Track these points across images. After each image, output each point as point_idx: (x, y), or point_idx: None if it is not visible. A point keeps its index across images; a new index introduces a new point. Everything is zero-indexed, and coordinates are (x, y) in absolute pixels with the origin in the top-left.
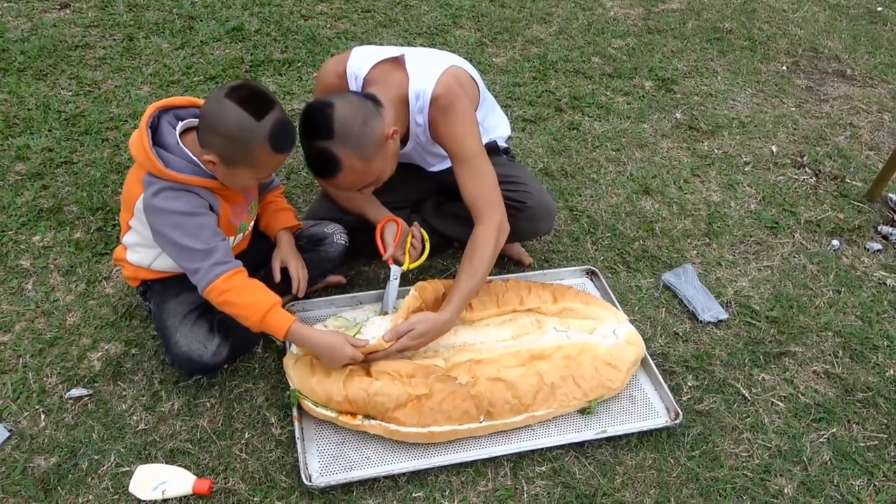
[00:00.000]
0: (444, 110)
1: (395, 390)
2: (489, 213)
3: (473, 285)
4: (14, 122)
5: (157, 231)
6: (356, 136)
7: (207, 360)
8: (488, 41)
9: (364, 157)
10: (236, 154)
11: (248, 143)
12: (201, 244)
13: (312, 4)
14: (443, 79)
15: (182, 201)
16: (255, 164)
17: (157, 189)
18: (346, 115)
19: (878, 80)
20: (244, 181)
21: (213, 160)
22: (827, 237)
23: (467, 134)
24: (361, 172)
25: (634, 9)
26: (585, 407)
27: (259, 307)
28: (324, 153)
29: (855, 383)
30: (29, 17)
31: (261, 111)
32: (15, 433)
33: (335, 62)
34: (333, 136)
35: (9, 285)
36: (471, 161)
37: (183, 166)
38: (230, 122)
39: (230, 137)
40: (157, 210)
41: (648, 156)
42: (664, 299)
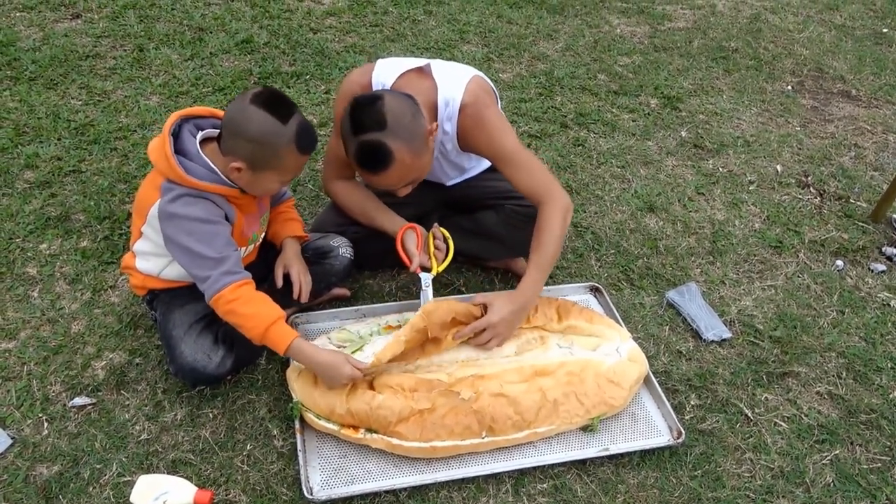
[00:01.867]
0: (475, 119)
1: (397, 404)
2: (551, 193)
3: (546, 260)
4: (24, 130)
5: (170, 238)
6: (407, 129)
7: (211, 372)
8: (495, 57)
9: (413, 151)
10: (264, 158)
11: (275, 147)
12: (214, 252)
13: (321, 18)
14: (470, 87)
15: (199, 208)
16: (282, 167)
17: (175, 195)
18: (396, 107)
19: (883, 100)
20: (269, 185)
21: (240, 166)
22: (831, 257)
23: (503, 135)
24: (410, 167)
25: (641, 27)
26: (588, 424)
27: (262, 320)
28: (377, 145)
29: (858, 405)
30: (41, 27)
31: (285, 114)
32: (18, 441)
33: (359, 74)
34: (386, 128)
35: (15, 292)
36: (514, 158)
37: (203, 174)
38: (256, 127)
39: (257, 142)
40: (172, 215)
41: (653, 173)
42: (668, 317)
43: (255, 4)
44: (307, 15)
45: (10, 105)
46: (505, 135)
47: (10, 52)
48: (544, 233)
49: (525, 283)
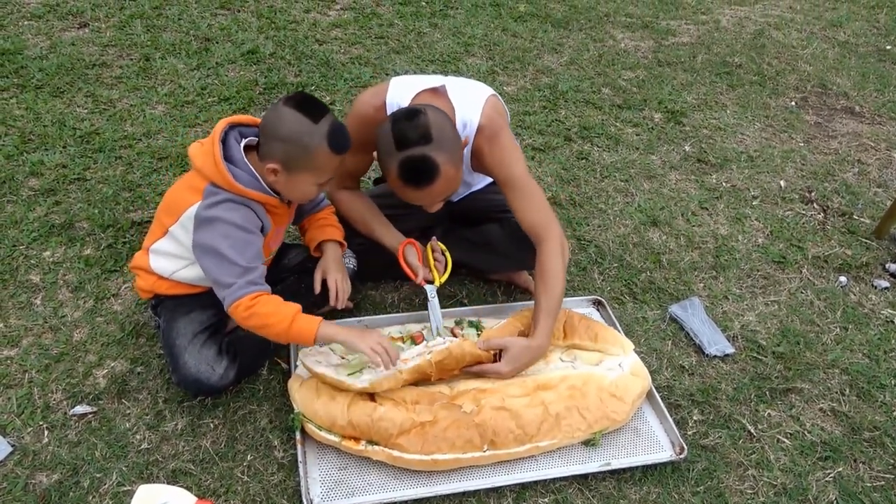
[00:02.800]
0: (490, 139)
1: (399, 416)
2: (549, 231)
3: (554, 304)
4: (30, 137)
5: (202, 241)
6: (450, 142)
7: (214, 383)
8: (500, 70)
9: (455, 164)
10: (298, 158)
11: (308, 146)
12: (243, 261)
13: (327, 30)
14: (486, 110)
15: (240, 214)
16: (316, 168)
17: (218, 199)
18: (439, 121)
19: (886, 117)
20: (306, 188)
21: (276, 167)
22: (834, 273)
23: (514, 160)
24: (452, 180)
25: (645, 41)
26: (590, 438)
27: (285, 315)
28: (424, 159)
29: (862, 422)
30: (48, 36)
31: (317, 114)
32: (18, 448)
33: (372, 95)
34: (432, 142)
35: (18, 300)
36: (520, 185)
37: (248, 180)
38: (290, 126)
39: (291, 141)
40: (213, 219)
41: (657, 187)
42: (670, 332)
43: (261, 15)
44: (313, 26)
45: (16, 113)
46: (515, 160)
47: (17, 60)
48: (548, 275)
49: (539, 332)
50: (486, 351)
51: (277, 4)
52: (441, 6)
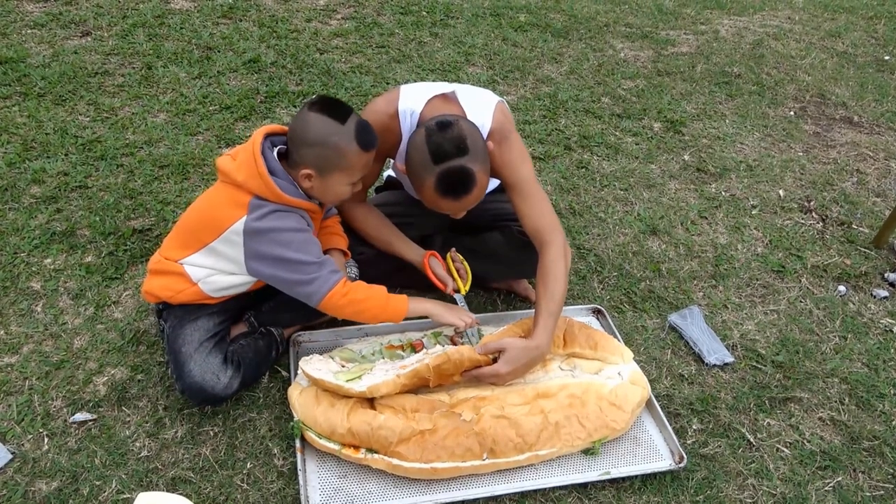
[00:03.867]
0: (500, 143)
1: (398, 424)
2: (552, 236)
3: (555, 307)
4: (32, 145)
5: (262, 253)
6: (481, 151)
7: (219, 392)
8: (500, 79)
9: (487, 172)
10: (329, 159)
11: (338, 146)
12: (314, 257)
13: (328, 39)
14: (496, 114)
15: (292, 220)
16: (347, 167)
17: (266, 211)
18: (472, 131)
19: (885, 127)
20: (339, 189)
21: (310, 172)
22: (833, 283)
23: (522, 163)
24: (484, 188)
25: (644, 51)
26: (589, 447)
27: (379, 296)
28: (464, 171)
29: (861, 431)
30: (51, 44)
31: (343, 115)
32: (18, 456)
33: (385, 103)
34: (468, 153)
35: (18, 307)
36: (527, 189)
37: (291, 189)
38: (318, 130)
39: (321, 144)
40: (268, 230)
41: (656, 196)
42: (670, 341)
43: (262, 24)
44: (314, 35)
45: (18, 120)
46: (524, 163)
47: (20, 68)
48: (550, 277)
49: (538, 333)
50: (484, 355)
51: (279, 14)
52: (442, 16)
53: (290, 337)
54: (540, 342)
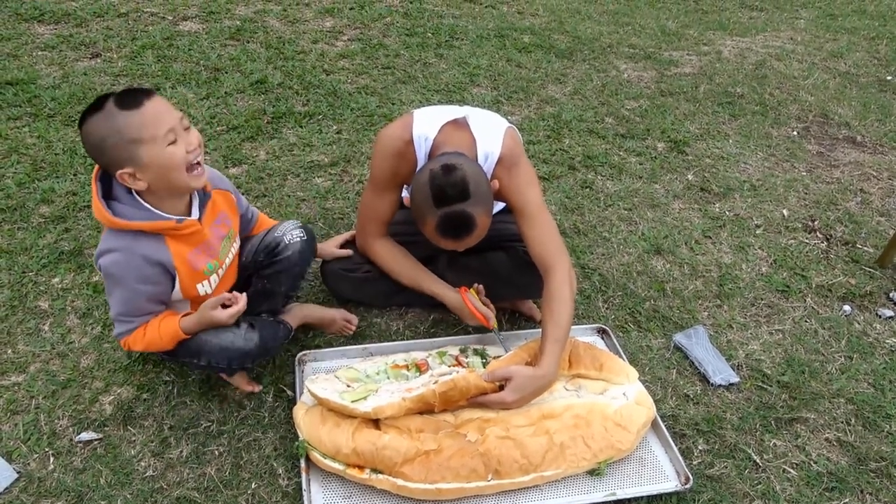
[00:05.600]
0: (510, 169)
1: (403, 445)
2: (557, 261)
3: (561, 333)
4: (41, 165)
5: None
6: (484, 195)
7: (241, 346)
8: (504, 99)
9: (488, 214)
10: (121, 146)
11: (113, 129)
12: (114, 312)
13: (334, 60)
14: (506, 141)
15: (120, 266)
16: (140, 136)
17: (103, 248)
18: (475, 174)
19: (888, 147)
20: (165, 159)
21: (128, 171)
22: (838, 302)
23: (530, 188)
24: (484, 228)
25: (648, 72)
26: (595, 468)
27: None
28: (464, 216)
29: (868, 452)
30: (61, 66)
31: (100, 105)
32: (23, 475)
33: (400, 128)
34: (470, 198)
35: (26, 326)
36: (534, 214)
37: (132, 213)
38: (94, 133)
39: (104, 140)
40: (101, 268)
41: (660, 216)
42: (675, 360)
43: (269, 46)
44: (321, 57)
45: (28, 141)
46: (532, 188)
47: (30, 89)
48: (556, 304)
49: (546, 361)
50: (491, 382)
51: (286, 35)
52: (447, 37)
53: (297, 357)
54: (547, 370)
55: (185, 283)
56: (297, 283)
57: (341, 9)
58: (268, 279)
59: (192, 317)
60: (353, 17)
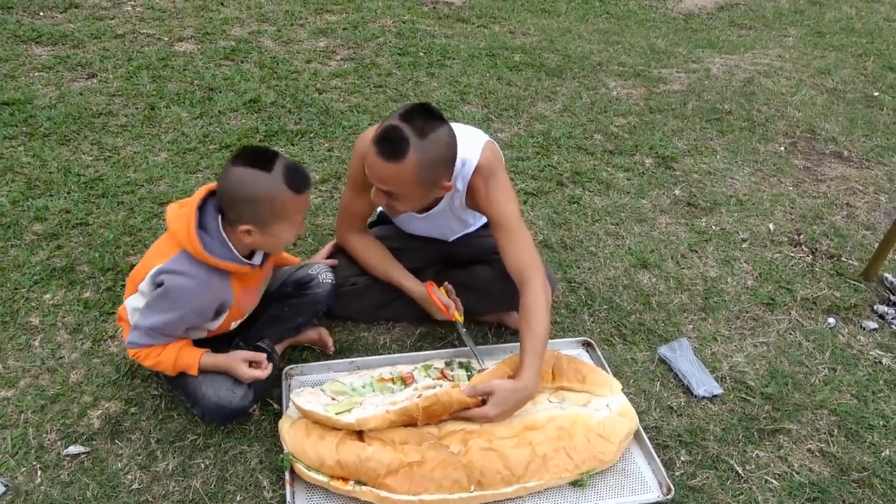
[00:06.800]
0: (486, 179)
1: (386, 456)
2: (533, 274)
3: (540, 345)
4: (35, 184)
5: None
6: (433, 160)
7: (237, 405)
8: (494, 117)
9: (417, 178)
10: (265, 213)
11: (271, 197)
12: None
13: (327, 79)
14: (485, 151)
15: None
16: (286, 215)
17: (179, 269)
18: (443, 139)
19: (874, 161)
20: (284, 236)
21: (249, 228)
22: (823, 315)
23: (507, 201)
24: (403, 183)
25: (636, 89)
26: (577, 479)
27: (170, 353)
28: (403, 140)
29: (850, 463)
30: (57, 86)
31: (268, 163)
32: (10, 488)
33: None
34: (423, 139)
35: (17, 341)
36: (511, 227)
37: (219, 250)
38: (247, 185)
39: (254, 200)
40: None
41: (647, 230)
42: (659, 373)
43: (263, 66)
44: (313, 76)
45: (23, 160)
46: (509, 201)
47: (26, 109)
48: (533, 317)
49: (525, 374)
50: (473, 397)
51: (280, 55)
52: (438, 56)
53: (283, 370)
54: (527, 382)
55: (228, 319)
56: (312, 319)
57: (335, 29)
58: (289, 307)
59: (215, 358)
60: (347, 37)
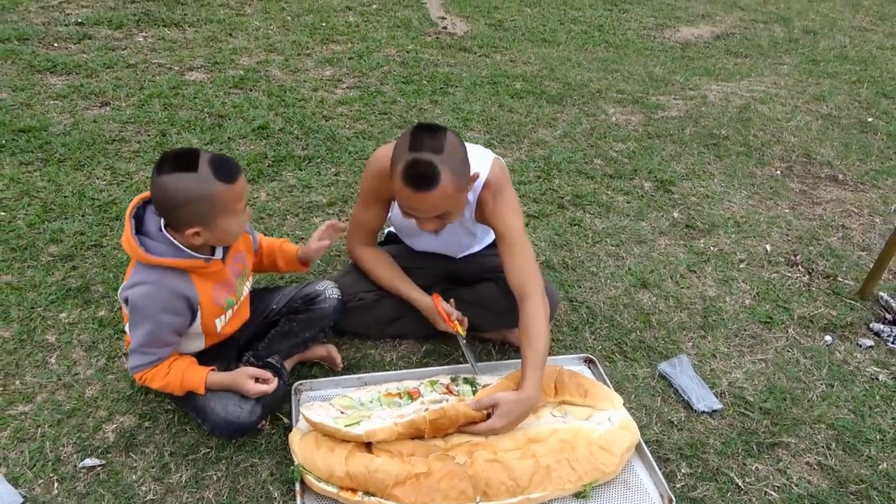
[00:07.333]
0: (495, 194)
1: (394, 468)
2: (533, 288)
3: (540, 357)
4: (51, 207)
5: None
6: (457, 163)
7: (245, 420)
8: (496, 142)
9: (456, 185)
10: (204, 211)
11: (204, 195)
12: (136, 344)
13: (333, 106)
14: (494, 167)
15: (151, 299)
16: (225, 206)
17: (134, 281)
18: (455, 143)
19: (869, 185)
20: (231, 228)
21: (195, 230)
22: (820, 333)
23: (514, 216)
24: (449, 198)
25: (635, 115)
26: (580, 491)
27: (175, 381)
28: (429, 163)
29: (848, 475)
30: (72, 114)
31: (192, 163)
32: (29, 500)
33: (388, 149)
34: (442, 153)
35: (34, 358)
36: (515, 240)
37: (163, 250)
38: (178, 190)
39: (190, 200)
40: (128, 300)
41: (646, 251)
42: (660, 388)
43: (271, 94)
44: (320, 104)
45: (39, 184)
46: (516, 215)
47: (42, 136)
48: (533, 331)
49: (527, 385)
50: (478, 411)
51: (287, 84)
52: (441, 84)
53: (293, 386)
54: (530, 393)
55: (207, 317)
56: (319, 334)
57: (340, 58)
58: (297, 323)
59: (220, 376)
60: (352, 66)
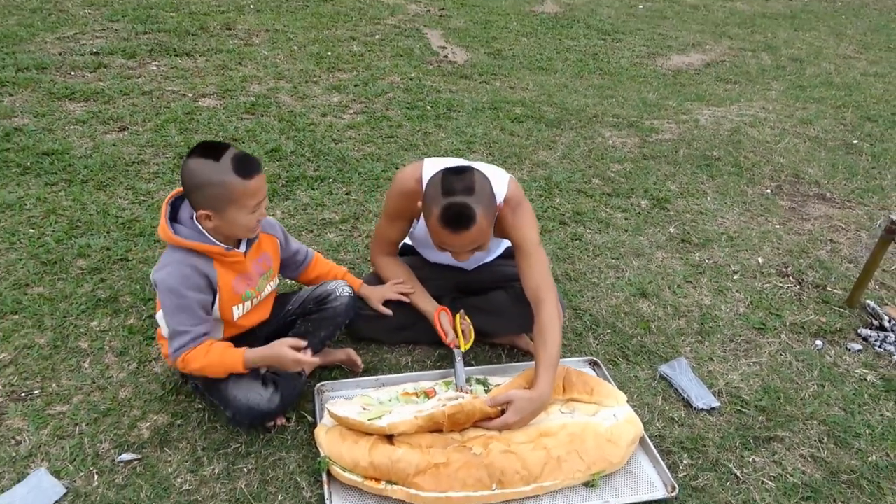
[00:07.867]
0: (514, 209)
1: (415, 458)
2: (547, 295)
3: (553, 359)
4: (77, 224)
5: (159, 297)
6: (487, 199)
7: (264, 407)
8: (498, 164)
9: (489, 219)
10: (217, 196)
11: (219, 182)
12: (174, 324)
13: (342, 130)
14: (511, 185)
15: (177, 277)
16: (236, 199)
17: (163, 263)
18: (482, 179)
19: (855, 202)
20: (241, 220)
21: (207, 213)
22: (811, 338)
23: (531, 228)
24: (484, 232)
25: (631, 138)
26: (589, 480)
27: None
28: (465, 206)
29: (840, 466)
30: (92, 138)
31: (217, 153)
32: (70, 490)
33: (412, 170)
34: (474, 194)
35: (69, 363)
36: (531, 251)
37: (188, 234)
38: (199, 173)
39: (204, 184)
40: (158, 282)
41: (645, 264)
42: (660, 388)
43: (282, 119)
44: (329, 128)
45: (64, 203)
46: (533, 228)
47: (65, 158)
48: (546, 332)
49: (540, 384)
50: (493, 407)
51: (297, 109)
52: (444, 110)
53: (315, 387)
54: (542, 392)
55: (224, 301)
56: (335, 332)
57: (347, 85)
58: (311, 323)
59: (260, 350)
60: (358, 92)
